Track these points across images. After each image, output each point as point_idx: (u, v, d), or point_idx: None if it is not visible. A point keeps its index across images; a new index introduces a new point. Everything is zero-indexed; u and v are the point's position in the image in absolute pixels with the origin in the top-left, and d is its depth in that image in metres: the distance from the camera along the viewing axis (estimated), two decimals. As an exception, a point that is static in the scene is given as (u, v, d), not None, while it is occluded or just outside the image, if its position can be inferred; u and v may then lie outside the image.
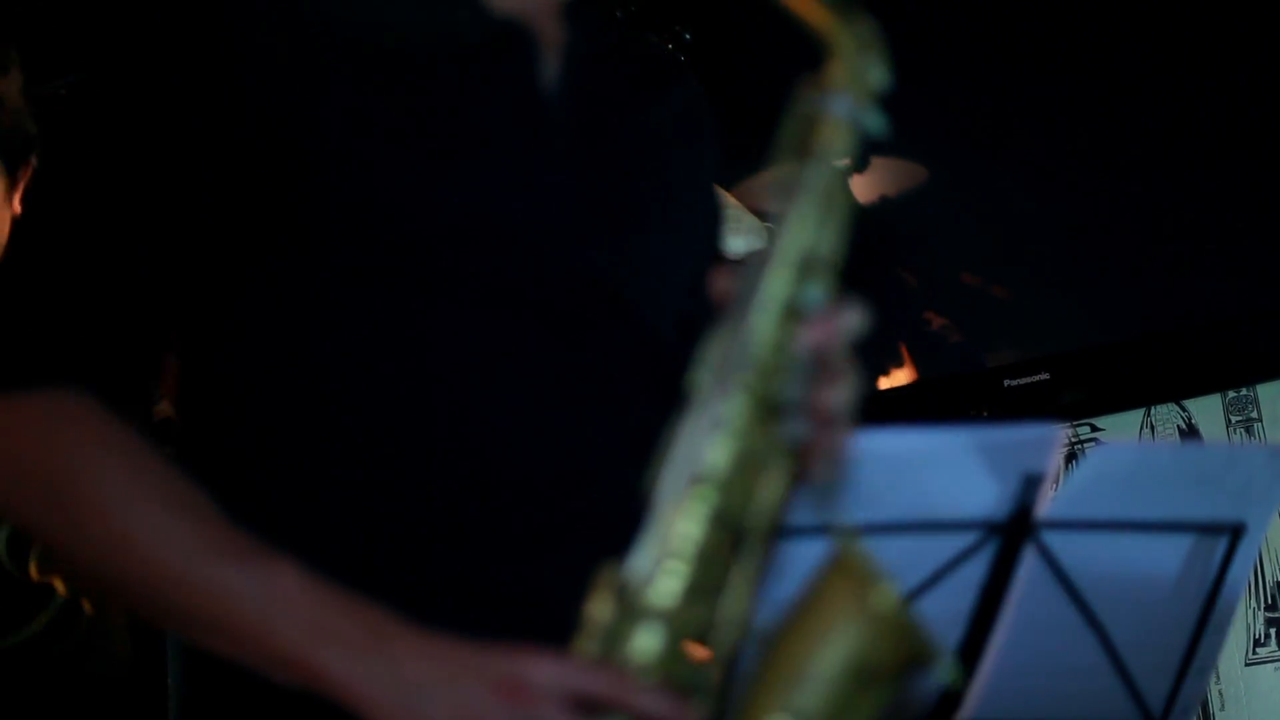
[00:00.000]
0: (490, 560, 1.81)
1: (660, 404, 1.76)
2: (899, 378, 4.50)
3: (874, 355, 4.48)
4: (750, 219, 3.61)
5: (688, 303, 1.83)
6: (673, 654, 1.63)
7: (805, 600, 1.66)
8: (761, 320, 1.69)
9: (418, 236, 1.83)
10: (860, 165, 4.58)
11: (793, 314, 1.70)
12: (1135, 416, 4.19)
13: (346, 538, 1.80)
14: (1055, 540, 2.08)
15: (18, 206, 2.80)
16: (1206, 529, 2.13)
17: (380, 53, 1.88)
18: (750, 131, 4.52)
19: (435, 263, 1.83)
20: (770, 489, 1.68)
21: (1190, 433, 4.12)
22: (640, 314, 1.96)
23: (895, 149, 4.57)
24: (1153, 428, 4.18)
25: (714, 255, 2.15)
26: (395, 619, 1.69)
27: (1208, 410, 4.12)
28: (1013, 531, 2.06)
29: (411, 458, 1.81)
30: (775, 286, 1.70)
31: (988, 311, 4.50)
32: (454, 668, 1.65)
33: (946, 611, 2.09)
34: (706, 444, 1.66)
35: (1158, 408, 4.17)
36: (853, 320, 1.72)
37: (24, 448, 1.77)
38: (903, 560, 2.04)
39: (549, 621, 1.68)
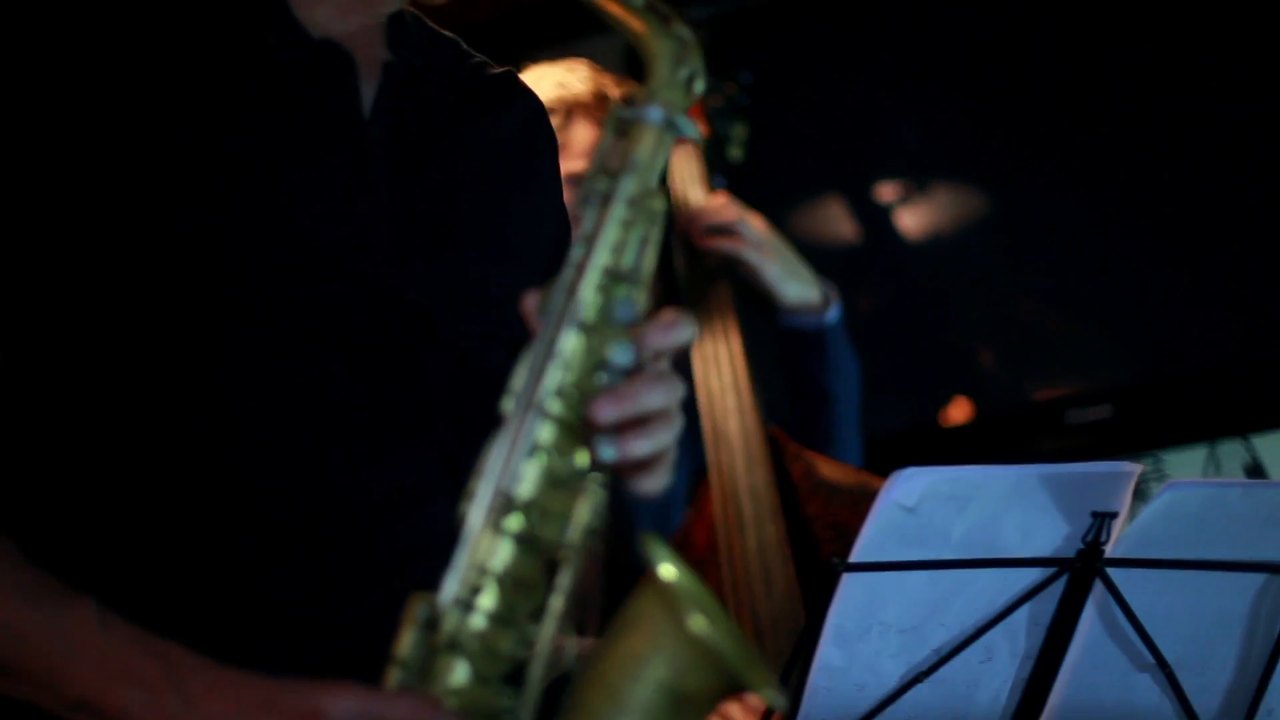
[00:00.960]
0: (301, 595, 1.82)
1: (477, 432, 1.74)
2: (958, 411, 4.48)
3: (933, 388, 4.46)
4: (803, 269, 3.59)
5: (521, 332, 1.80)
6: (482, 682, 1.64)
7: (620, 622, 1.66)
8: (569, 338, 1.69)
9: (223, 266, 1.82)
10: (917, 191, 4.58)
11: (603, 329, 1.71)
12: (1199, 453, 4.15)
13: (154, 574, 1.80)
14: (1124, 578, 2.06)
15: None
16: (1277, 570, 2.12)
17: (188, 80, 1.87)
18: (798, 165, 4.52)
19: (240, 292, 1.83)
20: (582, 511, 1.69)
21: (1256, 470, 4.08)
22: (458, 340, 1.94)
23: (954, 177, 4.56)
24: (1218, 464, 4.14)
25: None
26: (194, 656, 1.69)
27: (1275, 447, 4.08)
28: (1081, 568, 2.05)
29: (219, 493, 1.81)
30: (584, 302, 1.70)
31: (1048, 343, 4.47)
32: (252, 703, 1.65)
33: (1014, 648, 2.08)
34: (515, 469, 1.66)
35: (1223, 443, 4.12)
36: (674, 330, 1.72)
37: None
38: (971, 596, 2.04)
39: (361, 655, 1.68)
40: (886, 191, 4.62)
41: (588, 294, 1.71)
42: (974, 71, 4.51)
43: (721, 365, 3.45)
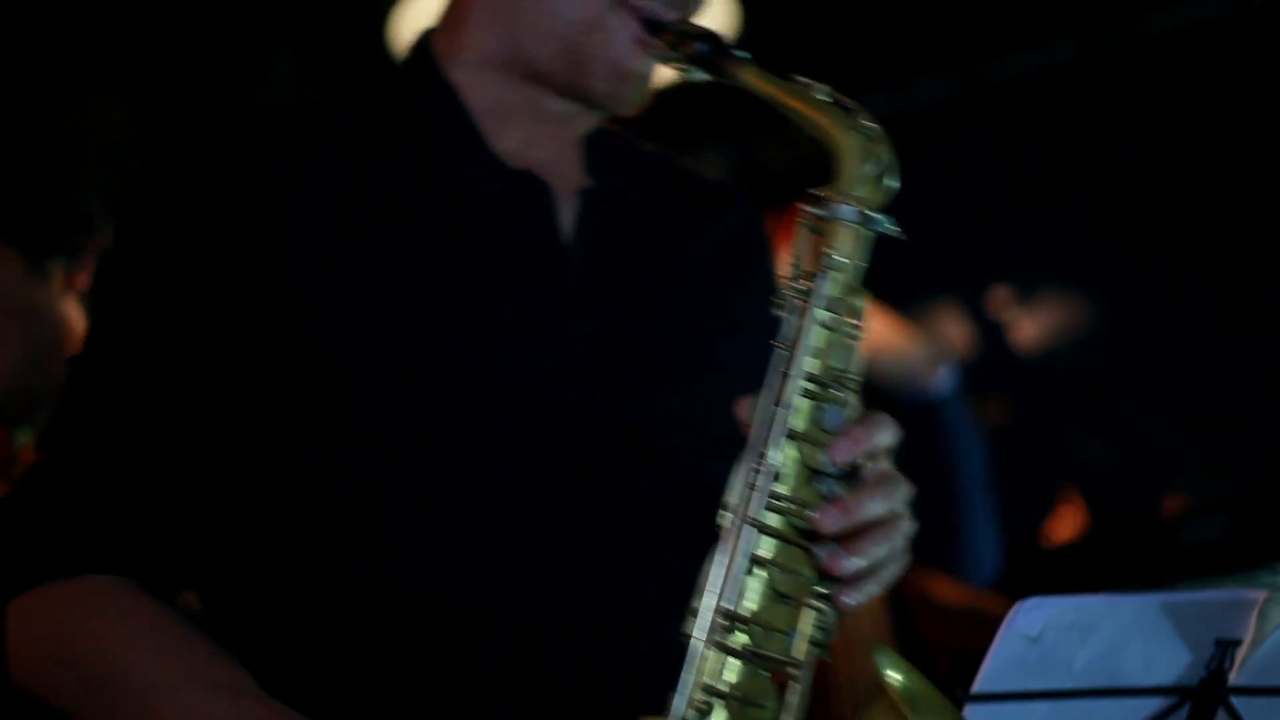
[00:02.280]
0: (526, 717, 1.81)
1: (696, 547, 1.73)
2: (1070, 520, 4.45)
3: (1044, 497, 4.44)
4: (947, 353, 3.53)
5: (736, 439, 1.77)
6: None
7: None
8: (781, 448, 1.68)
9: (434, 400, 1.84)
10: (1030, 299, 4.58)
11: (814, 435, 1.69)
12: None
13: (385, 700, 1.81)
14: (1248, 706, 2.04)
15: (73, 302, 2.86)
16: (1406, 696, 2.09)
17: (389, 218, 1.89)
18: (913, 270, 4.55)
19: (454, 425, 1.84)
20: (807, 626, 1.67)
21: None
22: (673, 457, 1.92)
23: (1067, 285, 4.56)
24: (1342, 578, 4.08)
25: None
26: None
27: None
28: (1205, 697, 2.03)
29: (439, 614, 1.81)
30: (793, 410, 1.69)
31: (1160, 451, 4.45)
32: None
33: (1138, 778, 2.07)
34: (737, 584, 1.66)
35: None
36: (882, 431, 1.71)
37: (63, 635, 1.82)
38: (1094, 726, 2.02)
39: None
40: (1000, 298, 4.63)
41: (796, 401, 1.70)
42: (1090, 182, 4.52)
43: None
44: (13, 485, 1.99)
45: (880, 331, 3.43)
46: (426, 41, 2.03)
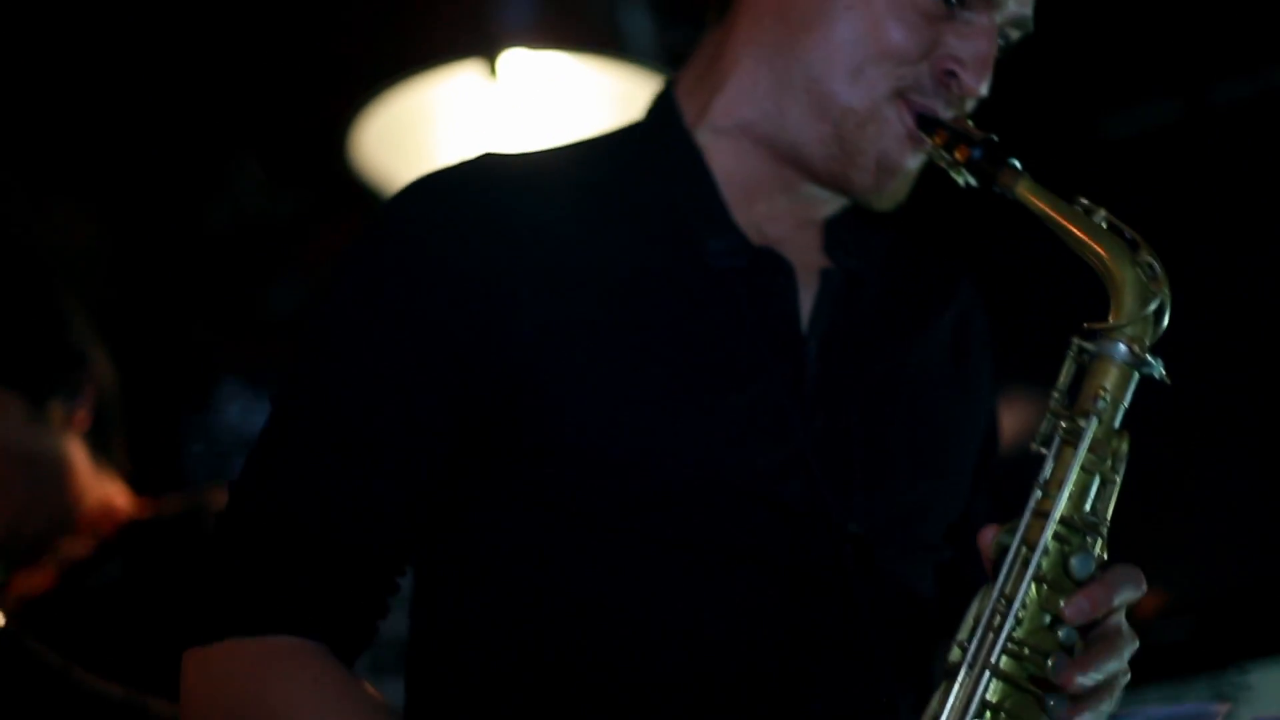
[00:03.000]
0: None
1: (910, 665, 1.71)
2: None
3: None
4: None
5: (948, 549, 1.76)
6: None
7: None
8: (1025, 590, 1.61)
9: (652, 486, 1.77)
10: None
11: (1060, 584, 1.63)
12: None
13: None
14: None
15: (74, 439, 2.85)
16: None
17: (624, 283, 1.81)
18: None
19: (669, 514, 1.77)
20: None
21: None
22: (892, 570, 1.86)
23: (1032, 387, 4.57)
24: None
25: (983, 492, 2.02)
26: None
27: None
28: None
29: (644, 711, 1.74)
30: (1044, 552, 1.62)
31: (1125, 553, 4.45)
32: None
33: None
34: None
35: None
36: (1127, 588, 1.66)
37: (246, 692, 1.75)
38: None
39: None
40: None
41: (1048, 544, 1.63)
42: (1046, 285, 4.55)
43: None
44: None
45: None
46: (671, 96, 1.96)
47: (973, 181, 1.81)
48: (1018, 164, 1.78)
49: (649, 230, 1.85)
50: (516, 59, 3.56)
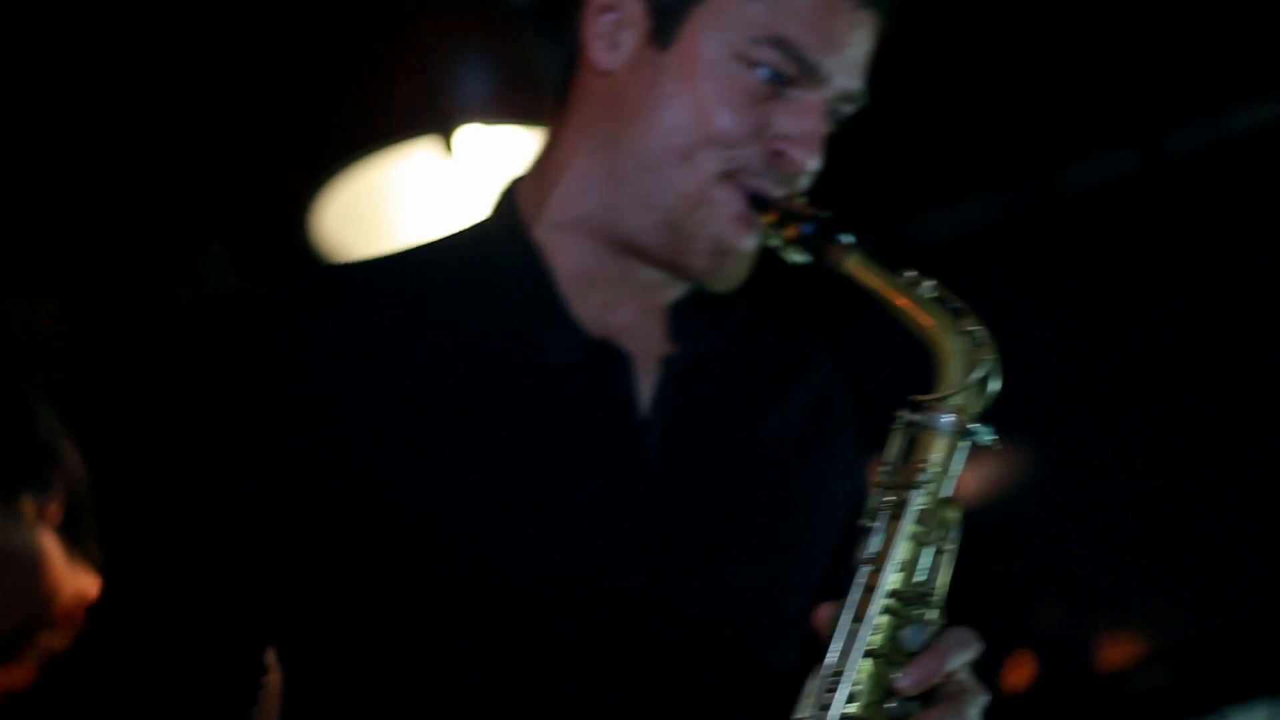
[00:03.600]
0: None
1: None
2: (1020, 672, 4.45)
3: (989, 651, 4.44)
4: None
5: (809, 624, 1.73)
6: None
7: None
8: (857, 665, 1.63)
9: (495, 583, 1.78)
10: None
11: (893, 656, 1.64)
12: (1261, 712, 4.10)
13: None
14: None
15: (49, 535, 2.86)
16: None
17: (461, 384, 1.83)
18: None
19: (514, 610, 1.78)
20: None
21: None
22: (747, 651, 1.86)
23: (1002, 435, 4.59)
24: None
25: (844, 564, 1.97)
26: None
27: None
28: None
29: None
30: (872, 626, 1.64)
31: (1103, 600, 4.46)
32: None
33: None
34: None
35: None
36: (959, 651, 1.66)
37: None
38: None
39: None
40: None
41: (877, 619, 1.64)
42: (1023, 337, 4.57)
43: None
44: None
45: None
46: (511, 194, 1.97)
47: (805, 259, 1.83)
48: (848, 239, 1.80)
49: (488, 331, 1.87)
50: (472, 134, 3.59)
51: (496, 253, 1.92)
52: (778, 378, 2.01)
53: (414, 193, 3.70)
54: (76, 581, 2.86)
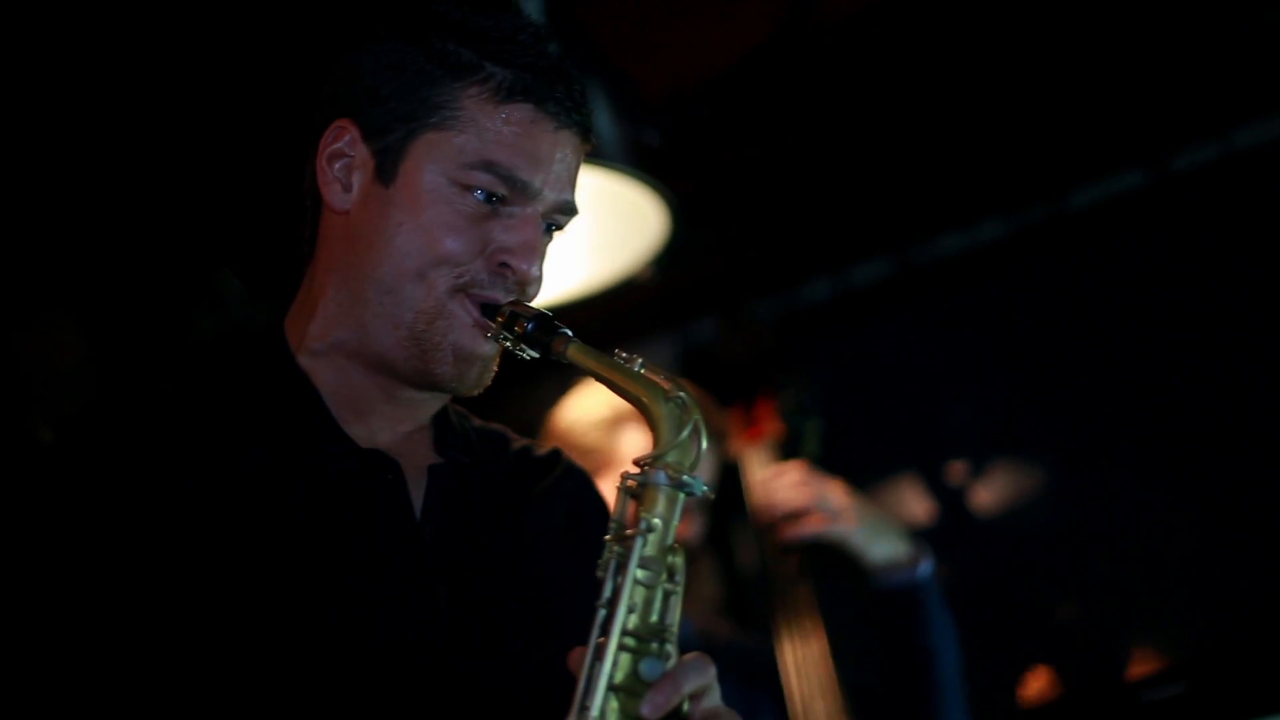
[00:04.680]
0: None
1: None
2: (1038, 681, 4.46)
3: (1012, 662, 4.45)
4: (891, 525, 3.51)
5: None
6: None
7: None
8: (601, 701, 1.79)
9: (295, 677, 1.92)
10: (985, 471, 4.63)
11: (635, 689, 1.79)
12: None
13: None
14: None
15: None
16: None
17: (252, 505, 1.98)
18: (869, 453, 4.57)
19: (313, 699, 1.92)
20: None
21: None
22: (519, 709, 2.02)
23: (1018, 453, 4.60)
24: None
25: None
26: None
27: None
28: None
29: None
30: (615, 665, 1.80)
31: (1118, 613, 4.47)
32: None
33: None
34: None
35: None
36: (694, 675, 1.81)
37: None
38: None
39: None
40: (957, 471, 4.68)
41: (616, 656, 1.80)
42: (1035, 351, 4.59)
43: (810, 668, 3.42)
44: None
45: (865, 520, 3.45)
46: (279, 328, 2.16)
47: (534, 353, 2.04)
48: (567, 331, 2.02)
49: (264, 452, 2.03)
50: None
51: (269, 380, 2.09)
52: (529, 480, 2.24)
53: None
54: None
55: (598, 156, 3.51)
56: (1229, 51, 4.13)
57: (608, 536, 1.87)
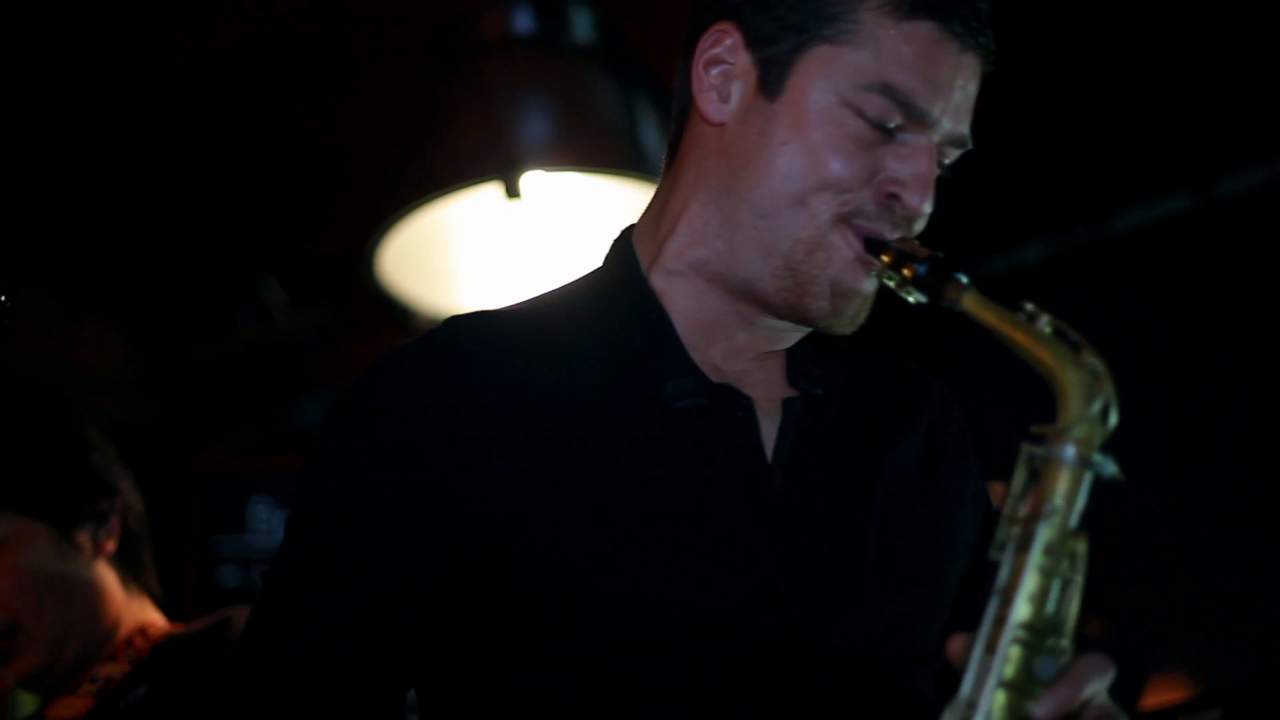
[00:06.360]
0: None
1: None
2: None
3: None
4: None
5: (943, 656, 1.72)
6: None
7: None
8: (991, 698, 1.63)
9: (631, 635, 1.79)
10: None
11: (1027, 687, 1.63)
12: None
13: None
14: None
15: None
16: None
17: (589, 432, 1.85)
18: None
19: (653, 661, 1.79)
20: None
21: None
22: (883, 686, 1.87)
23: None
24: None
25: (973, 592, 2.00)
26: None
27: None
28: None
29: None
30: (1005, 659, 1.63)
31: (1155, 641, 4.45)
32: None
33: None
34: None
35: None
36: (1094, 678, 1.65)
37: None
38: None
39: None
40: (995, 492, 4.66)
41: (1009, 650, 1.64)
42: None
43: None
44: None
45: None
46: (628, 242, 2.01)
47: (922, 298, 1.85)
48: (964, 278, 1.81)
49: (611, 379, 1.90)
50: (536, 179, 3.61)
51: (617, 300, 1.95)
52: (894, 414, 2.03)
53: (476, 236, 3.74)
54: (133, 613, 2.92)
55: (646, 169, 3.52)
56: (1275, 77, 4.12)
57: (1004, 513, 1.69)
